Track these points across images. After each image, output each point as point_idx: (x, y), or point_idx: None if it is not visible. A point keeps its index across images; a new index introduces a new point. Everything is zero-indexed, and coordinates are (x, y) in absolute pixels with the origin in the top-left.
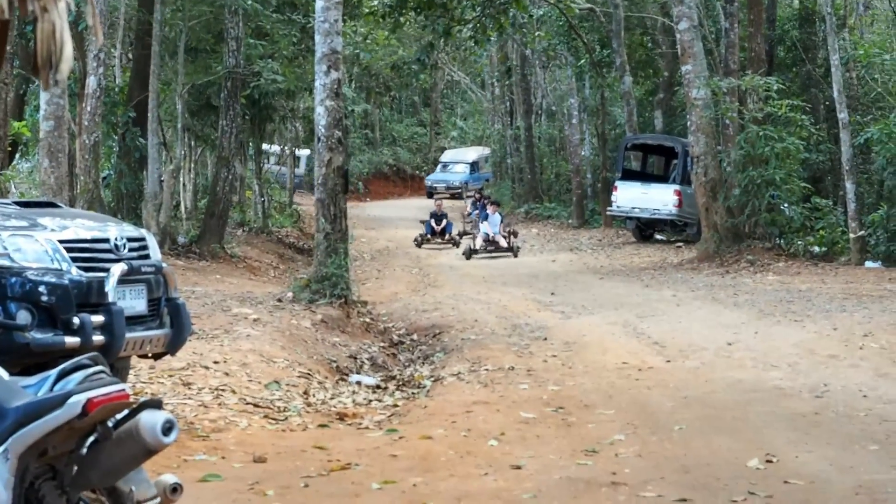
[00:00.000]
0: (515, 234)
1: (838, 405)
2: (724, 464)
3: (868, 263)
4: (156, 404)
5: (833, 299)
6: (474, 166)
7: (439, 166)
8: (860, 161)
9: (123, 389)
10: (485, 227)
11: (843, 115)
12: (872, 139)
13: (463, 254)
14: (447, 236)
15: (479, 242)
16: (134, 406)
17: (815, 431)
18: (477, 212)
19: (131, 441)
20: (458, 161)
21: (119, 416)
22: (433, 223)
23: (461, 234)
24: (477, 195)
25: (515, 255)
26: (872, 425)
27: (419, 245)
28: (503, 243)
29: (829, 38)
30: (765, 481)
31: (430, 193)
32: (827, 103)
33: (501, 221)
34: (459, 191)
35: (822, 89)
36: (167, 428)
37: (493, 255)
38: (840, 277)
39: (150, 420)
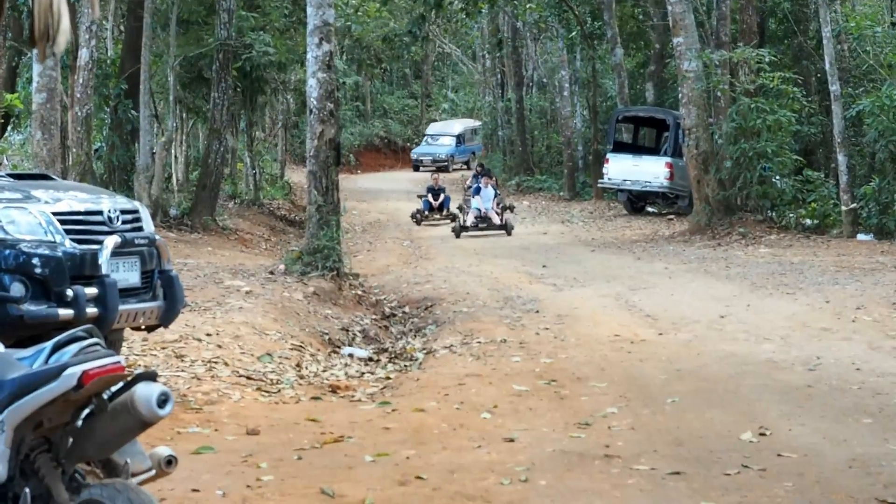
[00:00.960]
0: (511, 209)
1: (831, 378)
2: (717, 437)
3: (860, 236)
4: (151, 377)
5: (825, 272)
6: (460, 139)
7: (425, 139)
8: (852, 133)
9: (119, 362)
10: (476, 201)
11: (834, 88)
12: (864, 111)
13: (452, 230)
14: (445, 211)
15: (470, 219)
16: (129, 378)
17: (807, 404)
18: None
19: (126, 413)
20: (444, 134)
21: (114, 389)
22: (430, 198)
23: (460, 208)
24: (479, 168)
25: (509, 233)
26: (865, 398)
27: (418, 222)
28: (496, 220)
29: (820, 10)
30: (758, 454)
31: (417, 167)
32: (818, 75)
33: (496, 196)
34: (446, 164)
35: (814, 61)
36: (162, 400)
37: (485, 232)
38: (832, 250)
39: (146, 392)
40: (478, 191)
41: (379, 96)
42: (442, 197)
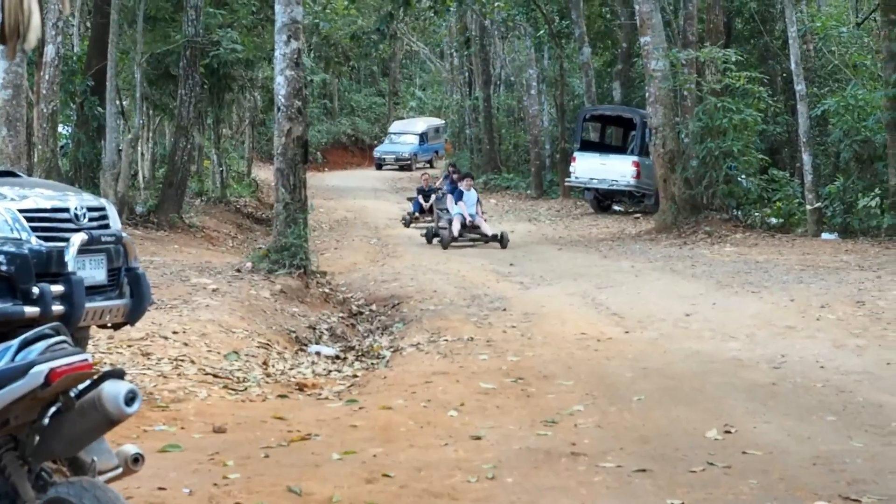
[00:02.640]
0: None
1: (796, 376)
2: (683, 434)
3: (824, 235)
4: (118, 374)
5: (790, 271)
6: (423, 137)
7: (388, 137)
8: (817, 133)
9: (86, 359)
10: (459, 207)
11: (800, 87)
12: (829, 111)
13: (435, 241)
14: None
15: (455, 227)
16: (96, 376)
17: (772, 402)
18: (443, 189)
19: (94, 411)
20: (407, 132)
21: (81, 387)
22: (421, 199)
23: (430, 210)
24: (451, 167)
25: (504, 246)
26: (829, 396)
27: (407, 224)
28: (486, 229)
29: (786, 11)
30: (723, 451)
31: (379, 165)
32: (784, 75)
33: (478, 202)
34: (409, 162)
35: (780, 61)
36: (130, 398)
37: (475, 243)
38: (797, 249)
39: (113, 390)
40: (459, 195)
41: (346, 94)
42: (433, 198)
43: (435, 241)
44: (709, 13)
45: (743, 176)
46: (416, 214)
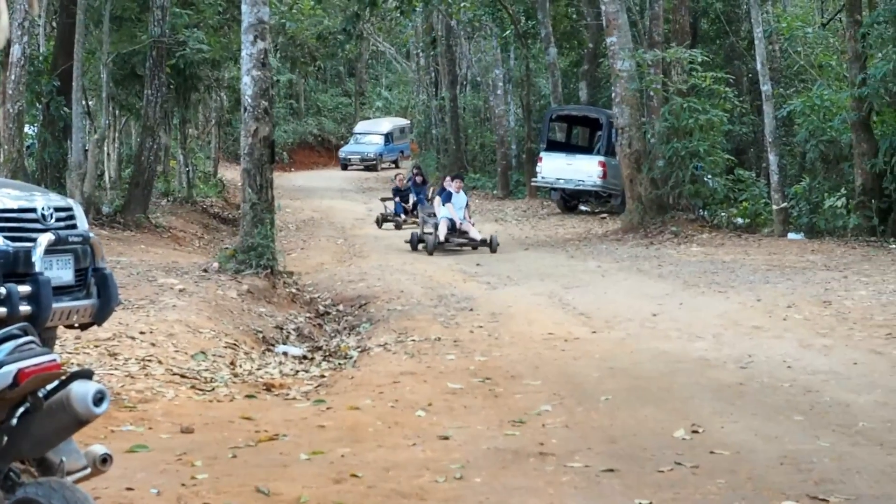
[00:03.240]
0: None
1: (763, 376)
2: (651, 434)
3: (791, 235)
4: (87, 375)
5: (756, 270)
6: (388, 137)
7: (353, 138)
8: (783, 133)
9: (54, 360)
10: (447, 210)
11: (766, 88)
12: (795, 111)
13: (418, 246)
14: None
15: (442, 231)
16: (65, 377)
17: (739, 402)
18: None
19: (62, 412)
20: (372, 132)
21: (50, 387)
22: (399, 200)
23: (405, 211)
24: (415, 170)
25: (493, 250)
26: (796, 396)
27: (380, 224)
28: (474, 233)
29: (752, 11)
30: (691, 451)
31: (345, 166)
32: (750, 76)
33: (467, 204)
34: (374, 162)
35: (746, 62)
36: (98, 398)
37: (463, 248)
38: (763, 249)
39: (82, 390)
40: (448, 197)
41: (313, 94)
42: (411, 198)
43: (421, 247)
44: (675, 14)
45: (709, 176)
46: (403, 217)
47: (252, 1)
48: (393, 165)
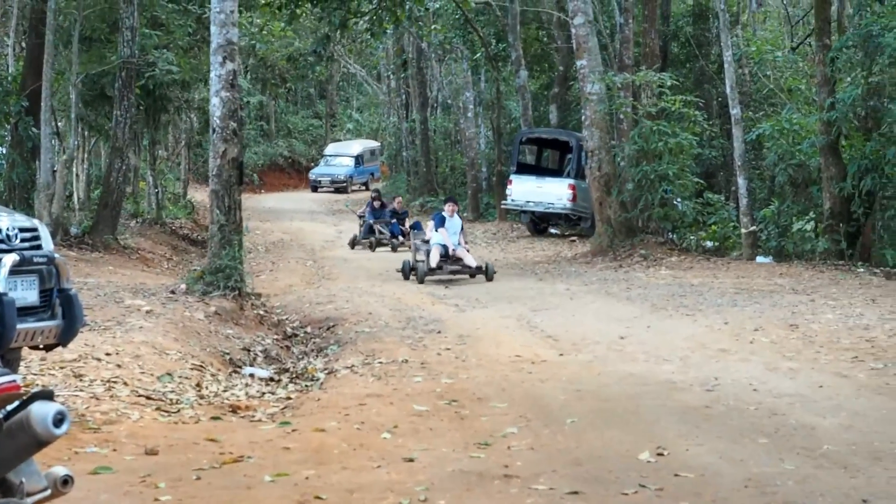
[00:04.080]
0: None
1: (729, 399)
2: (616, 456)
3: (759, 258)
4: (47, 396)
5: (724, 294)
6: (359, 159)
7: (323, 160)
8: (752, 157)
9: (14, 380)
10: (440, 236)
11: (735, 111)
12: (764, 135)
13: (411, 274)
14: (400, 237)
15: (433, 258)
16: (25, 397)
17: (705, 425)
18: (363, 213)
19: (22, 432)
20: (343, 154)
21: (10, 408)
22: (395, 221)
23: (393, 236)
24: (373, 195)
25: (489, 278)
26: (762, 419)
27: (372, 247)
28: (469, 260)
29: (722, 35)
30: (656, 474)
31: (315, 188)
32: (720, 99)
33: (462, 230)
34: (344, 184)
35: (715, 85)
36: (58, 419)
37: (457, 275)
38: (732, 272)
39: (42, 411)
40: (441, 221)
41: (283, 116)
42: (407, 222)
43: (413, 276)
44: (645, 37)
45: (678, 199)
46: (399, 237)
47: (221, 22)
48: (363, 188)
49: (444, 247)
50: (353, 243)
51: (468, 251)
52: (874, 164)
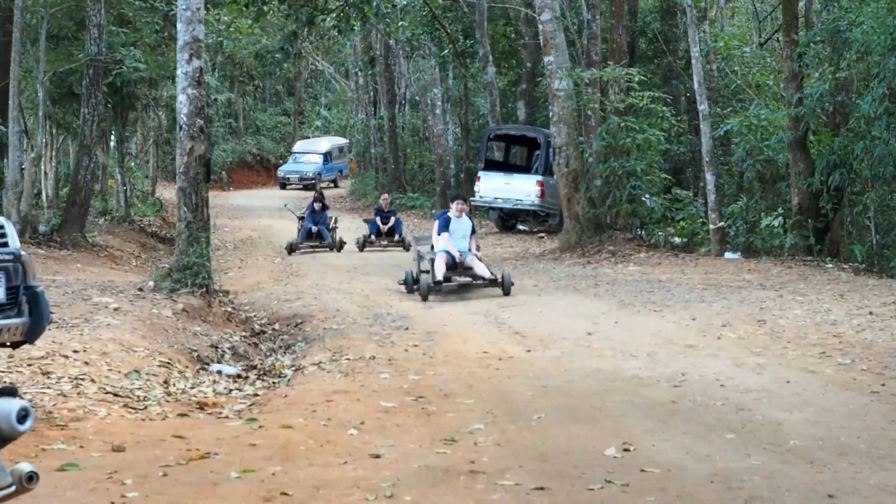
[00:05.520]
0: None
1: (695, 394)
2: (582, 452)
3: (727, 254)
4: (10, 392)
5: (693, 290)
6: (327, 157)
7: (291, 157)
8: (720, 153)
9: None
10: (443, 241)
11: (703, 107)
12: (732, 131)
13: (413, 289)
14: (397, 236)
15: (439, 269)
16: None
17: (672, 420)
18: (303, 215)
19: None
20: (311, 151)
21: None
22: (379, 221)
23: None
24: (316, 194)
25: (507, 292)
26: (728, 414)
27: (361, 248)
28: (481, 269)
29: (689, 31)
30: (622, 469)
31: (283, 185)
32: (688, 95)
33: (474, 232)
34: (313, 181)
35: (683, 81)
36: (22, 416)
37: (466, 288)
38: (700, 268)
39: (5, 408)
40: (446, 224)
41: (252, 113)
42: (392, 220)
43: (417, 289)
44: (612, 33)
45: (647, 195)
46: (372, 237)
47: (187, 19)
48: (332, 185)
49: (451, 255)
50: (291, 248)
51: (480, 259)
52: (842, 160)
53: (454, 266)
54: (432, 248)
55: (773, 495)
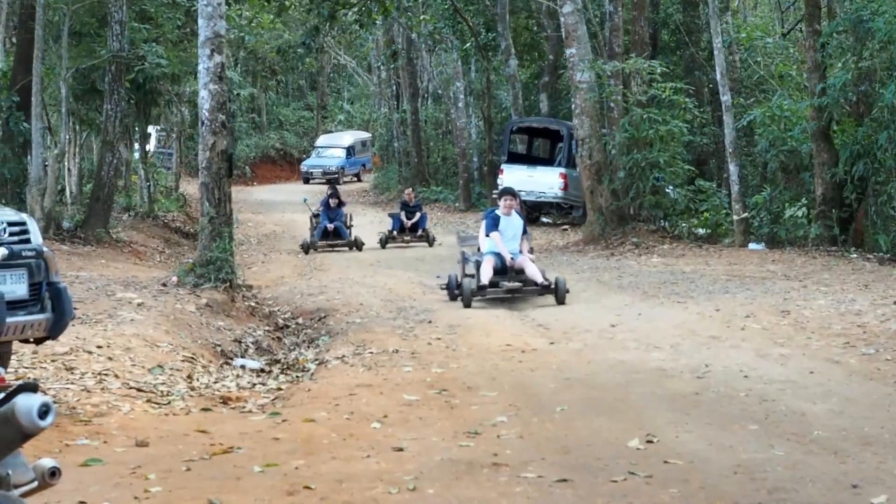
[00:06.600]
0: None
1: (719, 385)
2: (605, 444)
3: (751, 245)
4: (32, 388)
5: (716, 281)
6: (350, 151)
7: (314, 151)
8: (743, 143)
9: (0, 373)
10: (491, 242)
11: (725, 98)
12: (755, 121)
13: (455, 294)
14: (420, 231)
15: (485, 273)
16: (10, 390)
17: (695, 412)
18: (317, 212)
19: (7, 425)
20: (334, 146)
21: None
22: (403, 216)
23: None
24: (329, 191)
25: (561, 301)
26: (752, 405)
27: (384, 245)
28: (534, 272)
29: (711, 21)
30: (645, 461)
31: (307, 179)
32: (710, 86)
33: (525, 232)
34: (336, 176)
35: (706, 72)
36: (43, 411)
37: (516, 294)
38: (723, 259)
39: (26, 403)
40: (494, 222)
41: (274, 108)
42: (417, 215)
43: (460, 295)
44: (634, 25)
45: (670, 187)
46: (395, 232)
47: (208, 15)
48: (355, 179)
49: (500, 257)
50: (308, 247)
51: (533, 261)
52: (866, 150)
53: (503, 270)
54: (479, 249)
55: (796, 486)
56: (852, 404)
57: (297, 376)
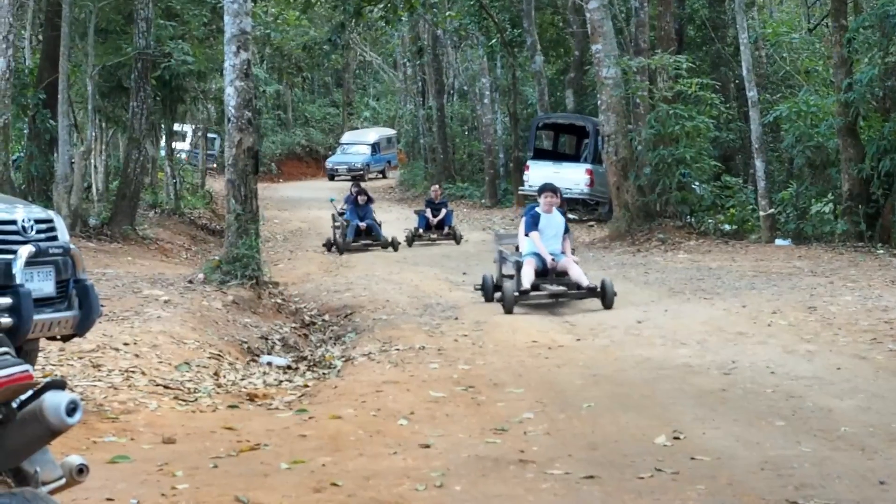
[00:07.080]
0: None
1: (746, 382)
2: (632, 441)
3: (778, 241)
4: (60, 385)
5: (743, 277)
6: (375, 147)
7: (340, 148)
8: (770, 139)
9: (27, 370)
10: (531, 242)
11: (752, 94)
12: (781, 117)
13: (494, 297)
14: (447, 229)
15: (527, 277)
16: (38, 387)
17: (722, 408)
18: (343, 210)
19: (35, 422)
20: (359, 142)
21: (23, 398)
22: (429, 213)
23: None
24: (354, 189)
25: (608, 305)
26: (779, 402)
27: (410, 243)
28: (578, 274)
29: (738, 17)
30: (672, 457)
31: (332, 176)
32: (736, 82)
33: (567, 231)
34: (361, 172)
35: (732, 68)
36: (71, 409)
37: (560, 299)
38: (750, 255)
39: (54, 401)
40: (534, 220)
41: (300, 105)
42: (443, 212)
43: (498, 297)
44: (660, 20)
45: (696, 183)
46: (421, 230)
47: (234, 12)
48: (380, 175)
49: (541, 258)
50: (341, 248)
51: (577, 262)
52: (893, 145)
53: (544, 272)
54: (517, 249)
55: (823, 482)
56: (879, 400)
57: (323, 373)
